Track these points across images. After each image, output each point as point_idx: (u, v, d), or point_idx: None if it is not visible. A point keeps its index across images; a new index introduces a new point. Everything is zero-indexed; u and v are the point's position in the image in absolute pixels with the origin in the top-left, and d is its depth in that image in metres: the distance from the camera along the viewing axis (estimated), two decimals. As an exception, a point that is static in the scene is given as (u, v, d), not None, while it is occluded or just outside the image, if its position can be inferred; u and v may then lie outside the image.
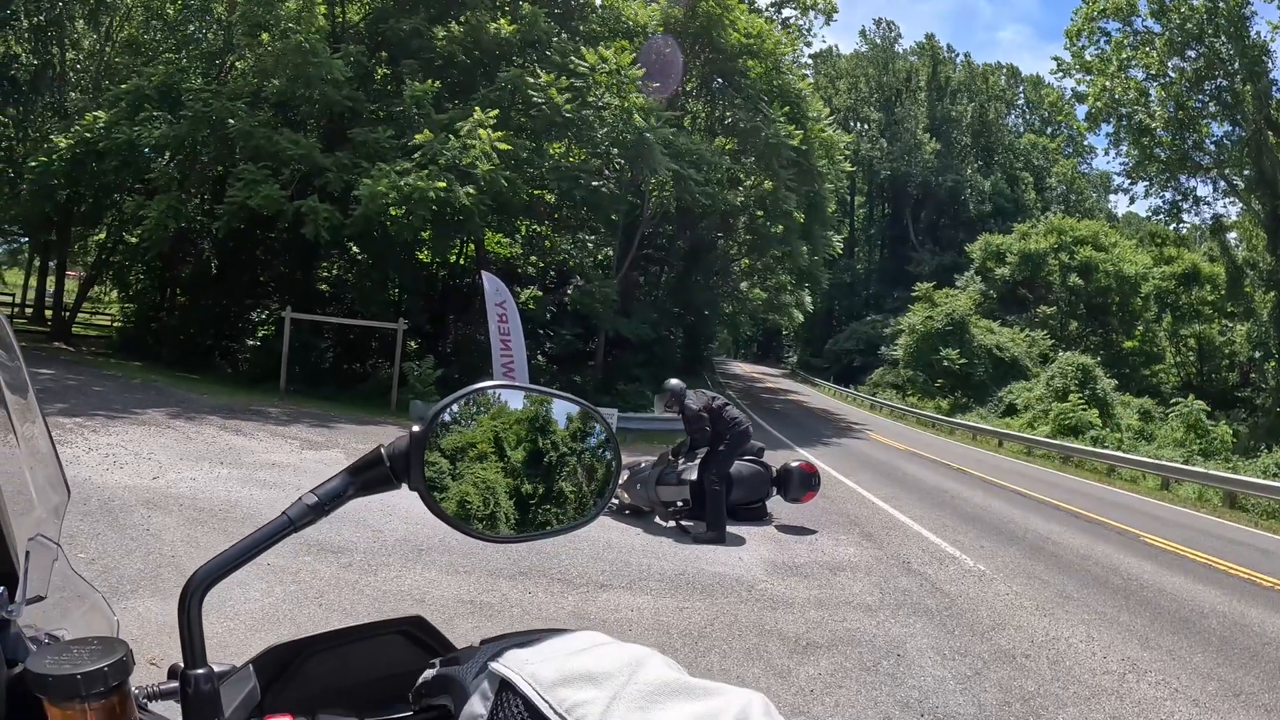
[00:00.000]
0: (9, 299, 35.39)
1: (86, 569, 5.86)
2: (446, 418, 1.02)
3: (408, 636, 1.11)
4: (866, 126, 62.33)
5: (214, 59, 26.43)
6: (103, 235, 29.48)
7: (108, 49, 30.06)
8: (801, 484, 10.29)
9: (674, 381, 10.05)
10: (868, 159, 59.63)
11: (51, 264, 31.26)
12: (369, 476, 1.00)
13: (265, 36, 21.73)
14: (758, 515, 10.39)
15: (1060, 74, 39.11)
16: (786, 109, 24.81)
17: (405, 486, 1.00)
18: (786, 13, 35.81)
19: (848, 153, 29.28)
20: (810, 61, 51.79)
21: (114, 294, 32.15)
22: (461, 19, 22.50)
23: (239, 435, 12.90)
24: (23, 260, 39.54)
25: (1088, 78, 37.60)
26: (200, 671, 0.89)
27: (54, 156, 23.28)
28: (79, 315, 31.03)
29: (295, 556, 6.97)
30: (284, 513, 1.00)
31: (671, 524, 9.70)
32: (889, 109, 63.09)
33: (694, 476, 9.58)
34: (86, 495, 7.86)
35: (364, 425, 15.89)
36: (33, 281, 37.06)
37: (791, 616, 6.73)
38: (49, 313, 30.25)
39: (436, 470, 1.00)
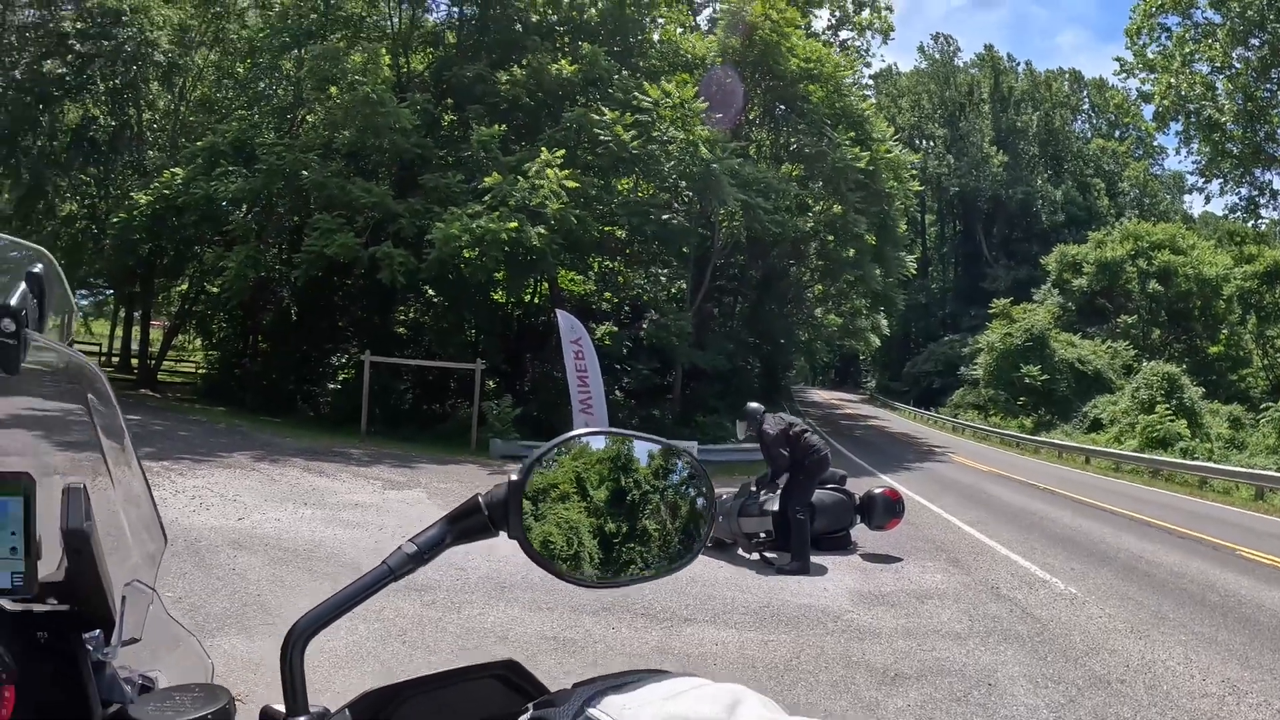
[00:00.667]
0: (96, 348, 36.68)
1: (173, 608, 5.85)
2: (544, 467, 1.04)
3: (502, 680, 1.10)
4: (932, 143, 61.48)
5: (285, 114, 27.23)
6: (185, 286, 30.48)
7: (182, 109, 31.22)
8: (885, 511, 10.13)
9: (753, 405, 10.07)
10: (935, 176, 58.72)
11: (136, 314, 32.38)
12: (467, 525, 1.03)
13: (333, 90, 22.29)
14: (842, 544, 10.22)
15: (1124, 74, 37.99)
16: (851, 132, 24.55)
17: (504, 535, 1.02)
18: (844, 35, 35.71)
19: (915, 172, 28.84)
20: (871, 82, 51.41)
21: (197, 342, 33.21)
22: (523, 62, 22.80)
23: (322, 476, 13.17)
24: (109, 311, 41.01)
25: (1152, 76, 36.47)
26: (301, 719, 0.92)
27: (135, 213, 24.25)
28: (164, 363, 32.06)
29: (379, 595, 6.96)
30: (384, 562, 1.03)
31: (755, 556, 9.58)
32: (953, 124, 62.14)
33: (776, 507, 9.48)
34: (174, 536, 7.98)
35: (445, 465, 16.08)
36: (119, 331, 38.45)
37: (879, 647, 6.62)
38: (135, 361, 31.30)
39: (527, 516, 1.02)
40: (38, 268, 1.32)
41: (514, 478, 1.01)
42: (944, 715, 5.21)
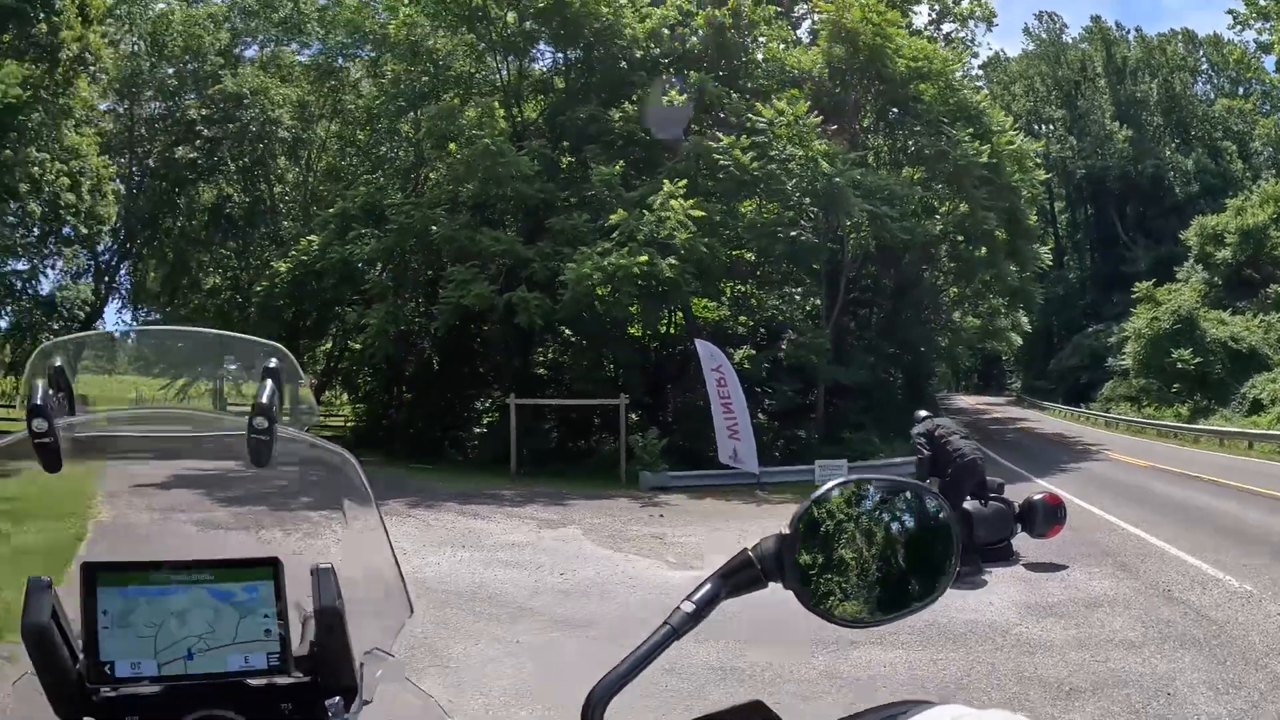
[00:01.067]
0: (248, 408, 38.64)
1: None
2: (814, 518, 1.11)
3: None
4: (1051, 127, 58.86)
5: (408, 174, 28.39)
6: (329, 345, 31.89)
7: (310, 179, 33.06)
8: (1047, 518, 9.95)
9: (921, 411, 10.44)
10: (1060, 160, 56.07)
11: (285, 374, 34.06)
12: (739, 579, 1.10)
13: (452, 146, 23.05)
14: (1004, 555, 10.01)
15: (1238, 27, 35.83)
16: (969, 127, 23.93)
17: (776, 585, 1.09)
18: (946, 28, 34.73)
19: (1039, 160, 27.85)
20: (981, 72, 49.75)
21: (345, 396, 34.59)
22: (633, 98, 23.17)
23: (477, 519, 13.55)
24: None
25: (1268, 25, 34.17)
26: None
27: (276, 280, 25.72)
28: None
29: (542, 632, 7.25)
30: (666, 622, 1.09)
31: None
32: (1071, 104, 59.47)
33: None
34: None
35: (596, 500, 16.25)
36: (268, 392, 40.58)
37: (1051, 660, 6.52)
38: (286, 418, 32.90)
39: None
40: (273, 362, 1.44)
41: (785, 530, 1.08)
42: (1124, 729, 5.09)
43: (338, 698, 1.34)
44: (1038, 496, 10.23)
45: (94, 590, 1.29)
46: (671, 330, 23.80)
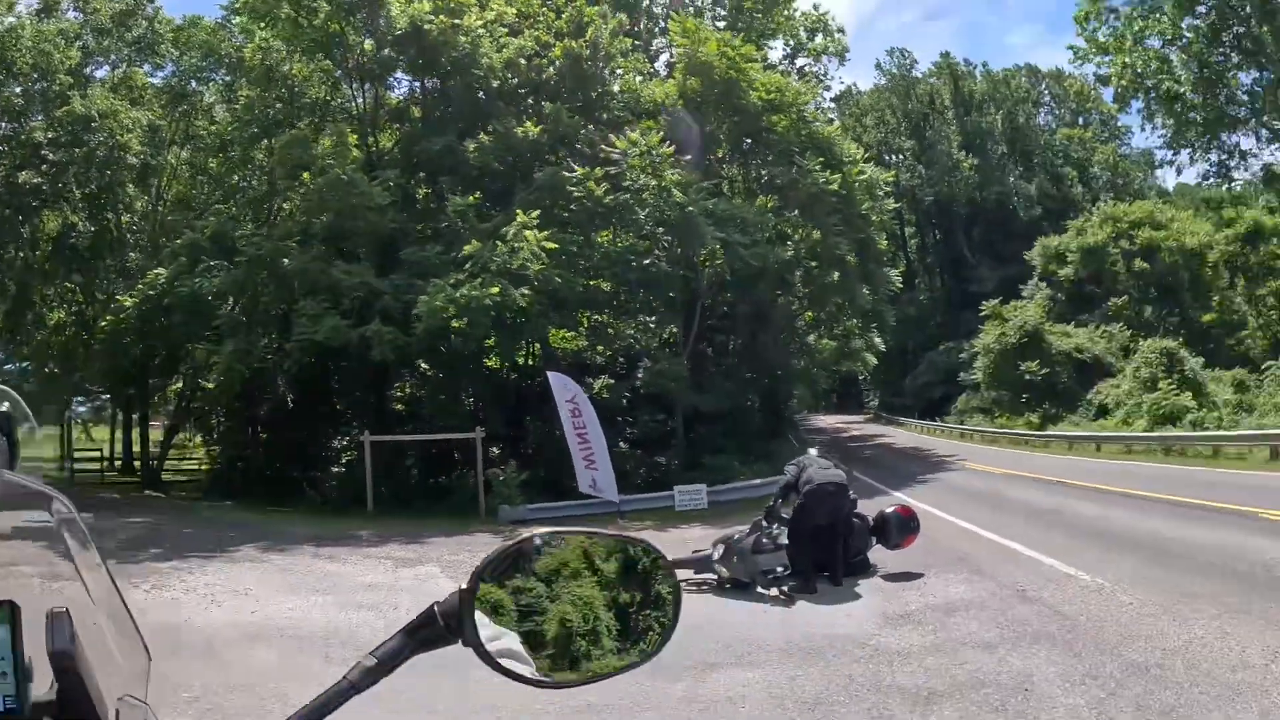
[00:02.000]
0: (97, 453, 36.47)
1: (191, 708, 5.98)
2: (493, 574, 1.11)
3: None
4: (901, 156, 61.55)
5: (261, 204, 27.52)
6: (180, 385, 30.42)
7: (160, 208, 31.50)
8: (900, 529, 10.15)
9: (811, 450, 10.83)
10: (909, 188, 58.78)
11: (135, 416, 32.31)
12: (425, 635, 1.09)
13: (306, 176, 22.41)
14: (861, 568, 10.20)
15: (1079, 62, 37.91)
16: (820, 158, 24.72)
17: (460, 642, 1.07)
18: (800, 62, 35.98)
19: (889, 188, 29.00)
20: (833, 105, 51.64)
21: (199, 439, 33.04)
22: (489, 129, 23.06)
23: (332, 562, 13.11)
24: (108, 416, 40.91)
25: (1106, 59, 36.58)
26: None
27: (122, 316, 24.38)
28: (167, 462, 31.85)
29: (393, 675, 6.81)
30: (345, 677, 1.07)
31: (774, 591, 9.51)
32: (919, 134, 62.37)
33: (788, 540, 9.59)
34: (187, 636, 7.98)
35: (454, 537, 15.93)
36: (119, 435, 38.38)
37: (909, 668, 6.58)
38: (138, 463, 31.22)
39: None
40: (4, 406, 1.39)
41: (463, 586, 1.08)
42: (984, 728, 5.18)
43: None
44: (890, 509, 10.48)
45: None
46: (530, 361, 23.66)
